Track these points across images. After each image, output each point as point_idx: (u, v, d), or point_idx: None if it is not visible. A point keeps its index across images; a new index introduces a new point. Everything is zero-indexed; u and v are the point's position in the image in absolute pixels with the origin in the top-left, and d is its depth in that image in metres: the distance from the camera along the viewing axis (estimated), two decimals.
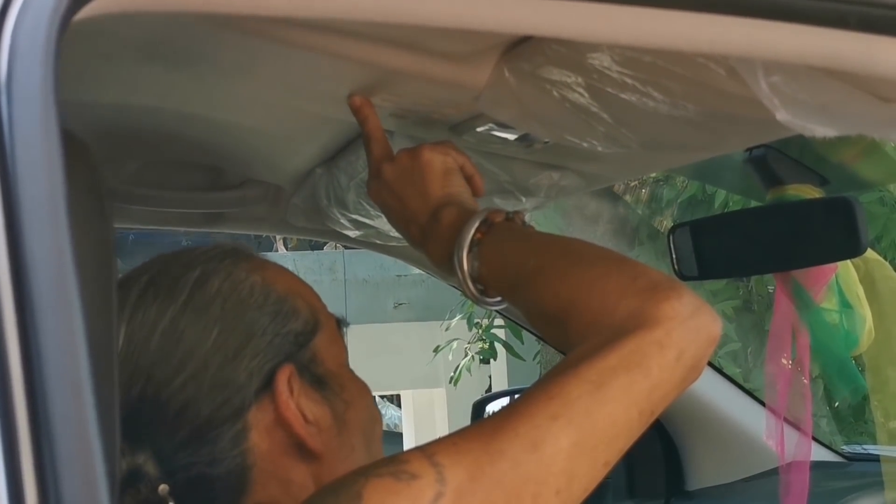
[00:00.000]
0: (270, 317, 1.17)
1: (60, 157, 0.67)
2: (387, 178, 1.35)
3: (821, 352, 1.90)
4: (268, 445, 1.14)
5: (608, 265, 1.12)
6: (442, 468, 0.97)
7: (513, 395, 3.00)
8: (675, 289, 1.06)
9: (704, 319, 1.07)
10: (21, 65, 0.67)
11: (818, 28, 0.93)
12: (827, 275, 1.83)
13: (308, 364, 1.18)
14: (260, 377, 1.14)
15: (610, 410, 1.01)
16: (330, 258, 9.44)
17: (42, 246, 0.67)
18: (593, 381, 1.01)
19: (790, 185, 1.82)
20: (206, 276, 1.17)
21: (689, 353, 1.05)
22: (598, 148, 1.35)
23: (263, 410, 1.14)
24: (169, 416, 1.11)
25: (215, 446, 1.12)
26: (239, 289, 1.17)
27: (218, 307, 1.15)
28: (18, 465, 0.66)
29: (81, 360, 0.67)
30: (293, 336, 1.18)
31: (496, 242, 1.22)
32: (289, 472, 1.15)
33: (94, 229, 0.85)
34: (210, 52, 1.22)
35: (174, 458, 1.10)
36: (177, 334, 1.13)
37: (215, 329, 1.14)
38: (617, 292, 1.07)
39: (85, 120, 1.43)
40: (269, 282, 1.20)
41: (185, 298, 1.15)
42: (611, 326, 1.05)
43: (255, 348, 1.15)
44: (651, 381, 1.03)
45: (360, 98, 1.34)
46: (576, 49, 1.14)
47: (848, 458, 2.50)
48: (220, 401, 1.12)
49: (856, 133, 1.08)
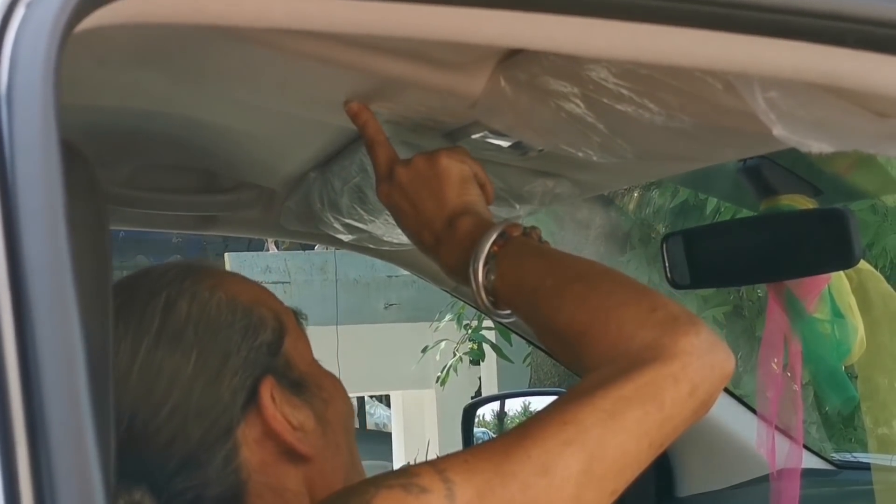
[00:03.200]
0: (241, 332, 1.17)
1: (60, 168, 0.67)
2: (401, 180, 1.34)
3: (812, 361, 1.90)
4: (259, 458, 1.14)
5: (627, 293, 1.12)
6: (452, 484, 0.98)
7: (503, 399, 3.01)
8: (694, 324, 1.07)
9: (720, 356, 1.07)
10: (21, 76, 0.67)
11: (817, 45, 0.94)
12: (820, 285, 1.84)
13: (284, 371, 1.19)
14: (243, 393, 1.14)
15: (622, 440, 1.01)
16: (321, 258, 9.43)
17: (41, 256, 0.67)
18: (607, 409, 1.01)
19: (784, 195, 1.82)
20: (173, 302, 1.16)
21: (703, 389, 1.05)
22: (592, 157, 1.35)
23: (251, 425, 1.14)
24: (159, 447, 1.11)
25: (208, 468, 1.12)
26: (207, 310, 1.17)
27: (191, 332, 1.15)
28: (15, 472, 0.66)
29: (79, 365, 0.67)
30: (265, 347, 1.18)
31: (513, 257, 1.22)
32: (282, 480, 1.16)
33: (91, 237, 0.85)
34: (205, 57, 1.22)
35: (169, 487, 1.11)
36: (155, 366, 1.13)
37: (192, 354, 1.14)
38: (635, 321, 1.07)
39: (79, 123, 1.43)
40: (233, 295, 1.20)
41: (157, 329, 1.14)
42: (627, 355, 1.05)
43: (234, 366, 1.15)
44: (663, 414, 1.03)
45: (357, 104, 1.34)
46: (572, 60, 1.14)
47: (838, 465, 2.51)
48: (208, 424, 1.12)
49: (851, 149, 1.09)
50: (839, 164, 1.88)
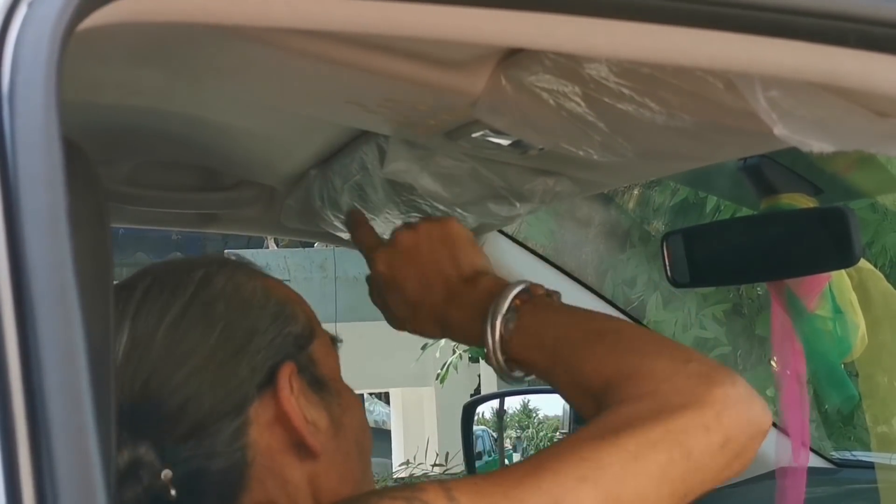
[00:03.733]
0: (272, 318, 1.19)
1: (62, 169, 0.67)
2: (406, 244, 1.35)
3: (813, 359, 1.90)
4: (267, 442, 1.15)
5: (661, 345, 1.09)
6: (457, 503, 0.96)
7: (502, 397, 3.00)
8: (730, 375, 1.04)
9: (756, 411, 1.04)
10: (23, 76, 0.67)
11: (818, 45, 0.94)
12: (821, 283, 1.84)
13: (307, 365, 1.19)
14: (262, 373, 1.15)
15: (641, 484, 0.98)
16: (321, 256, 9.42)
17: (43, 254, 0.67)
18: (630, 451, 0.98)
19: (784, 193, 1.82)
20: (210, 277, 1.19)
21: (737, 442, 1.02)
22: (593, 156, 1.35)
23: (264, 406, 1.15)
24: (171, 409, 1.11)
25: (216, 440, 1.12)
26: (241, 290, 1.19)
27: (222, 305, 1.17)
28: (17, 471, 0.66)
29: (80, 363, 0.68)
30: (293, 338, 1.19)
31: (536, 310, 1.21)
32: (286, 471, 1.16)
33: (92, 236, 0.85)
34: (206, 54, 1.22)
35: (174, 452, 1.11)
36: (181, 330, 1.14)
37: (219, 325, 1.15)
38: (668, 370, 1.05)
39: (79, 120, 1.43)
40: (269, 288, 1.22)
41: (190, 296, 1.16)
42: (657, 399, 1.02)
43: (258, 345, 1.16)
44: (690, 464, 1.00)
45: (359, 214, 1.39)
46: (573, 59, 1.14)
47: (838, 464, 2.51)
48: (222, 395, 1.13)
49: (852, 148, 1.09)
50: (839, 163, 1.88)
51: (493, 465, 2.88)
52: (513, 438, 2.92)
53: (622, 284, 6.06)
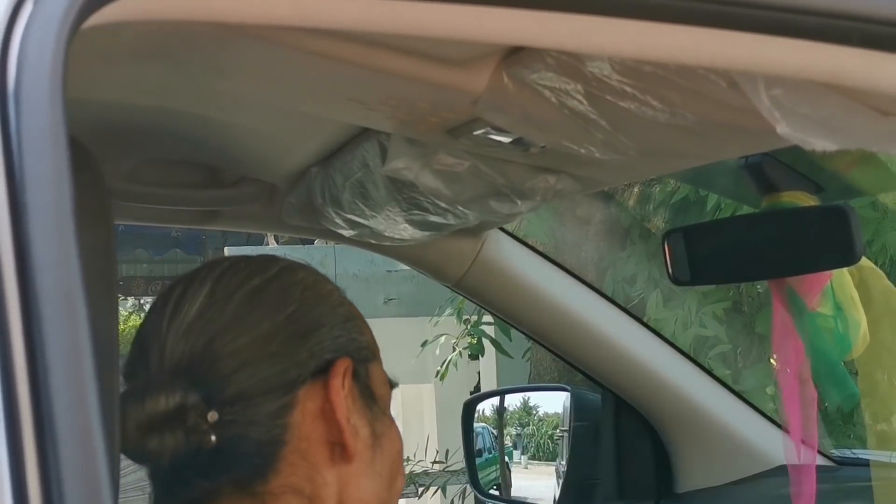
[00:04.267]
0: (342, 318, 1.23)
1: (67, 166, 0.68)
2: None
3: (814, 357, 1.90)
4: (308, 429, 1.17)
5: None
6: None
7: (503, 394, 3.01)
8: None
9: None
10: (29, 74, 0.67)
11: (821, 44, 0.94)
12: (822, 281, 1.84)
13: (363, 376, 1.22)
14: (319, 361, 1.18)
15: None
16: (320, 253, 9.42)
17: (48, 253, 0.67)
18: None
19: (785, 192, 1.82)
20: (294, 267, 1.24)
21: None
22: (595, 154, 1.35)
23: (313, 394, 1.17)
24: (226, 371, 1.14)
25: (259, 410, 1.14)
26: (319, 286, 1.24)
27: (298, 290, 1.21)
28: (23, 469, 0.66)
29: (86, 361, 0.68)
30: (356, 344, 1.23)
31: None
32: (318, 464, 1.17)
33: (97, 233, 0.85)
34: (208, 52, 1.22)
35: (220, 411, 1.13)
36: (255, 302, 1.18)
37: (291, 307, 1.19)
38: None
39: (83, 118, 1.43)
40: (344, 298, 1.26)
41: (273, 275, 1.21)
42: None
43: (322, 336, 1.20)
44: None
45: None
46: (575, 57, 1.14)
47: (837, 462, 2.51)
48: (277, 369, 1.16)
49: (855, 147, 1.09)
50: (841, 162, 1.88)
51: (493, 462, 2.88)
52: (513, 436, 2.91)
53: (622, 282, 6.05)
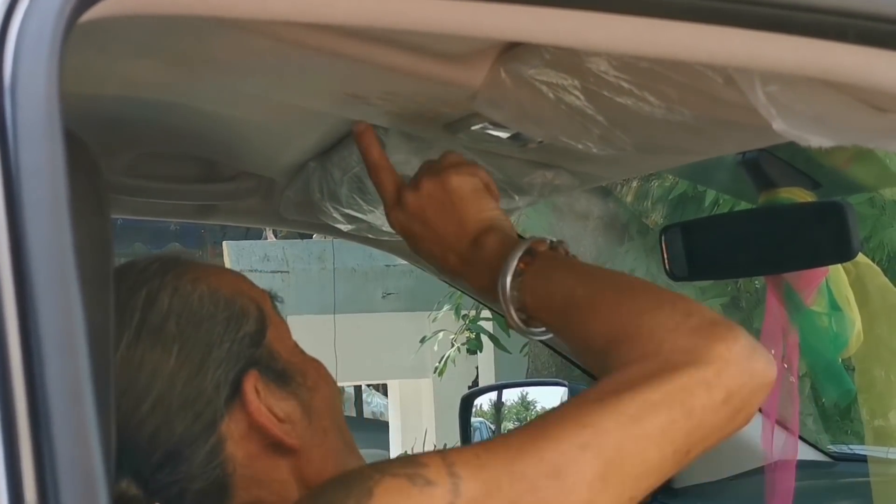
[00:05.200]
0: (224, 324, 1.17)
1: (63, 160, 0.68)
2: (412, 209, 1.32)
3: (810, 353, 1.91)
4: (245, 451, 1.14)
5: (661, 299, 1.08)
6: (459, 479, 0.96)
7: (500, 389, 3.01)
8: (732, 329, 1.03)
9: (760, 364, 1.03)
10: (26, 67, 0.67)
11: (817, 41, 0.94)
12: (818, 278, 1.84)
13: (268, 362, 1.18)
14: (227, 387, 1.14)
15: (643, 447, 0.98)
16: (319, 247, 9.43)
17: (44, 245, 0.67)
18: (631, 414, 0.98)
19: (782, 188, 1.83)
20: (154, 295, 1.16)
21: (739, 397, 1.01)
22: (592, 149, 1.35)
23: (236, 420, 1.14)
24: (143, 440, 1.11)
25: (193, 463, 1.12)
26: (189, 303, 1.17)
27: (173, 325, 1.15)
28: (18, 460, 0.67)
29: (81, 352, 0.68)
30: (248, 338, 1.18)
31: (541, 272, 1.19)
32: (269, 472, 1.16)
33: (93, 226, 0.85)
34: (206, 46, 1.22)
35: (153, 480, 1.11)
36: (136, 360, 1.12)
37: (174, 347, 1.14)
38: (668, 326, 1.04)
39: (80, 112, 1.43)
40: (215, 287, 1.19)
41: (138, 323, 1.14)
42: (658, 358, 1.02)
43: (217, 359, 1.15)
44: (693, 422, 1.00)
45: (365, 125, 1.32)
46: (573, 52, 1.14)
47: (834, 458, 2.51)
48: (191, 417, 1.12)
49: (851, 143, 1.09)
50: (838, 158, 1.89)
51: None
52: (510, 430, 2.92)
53: None
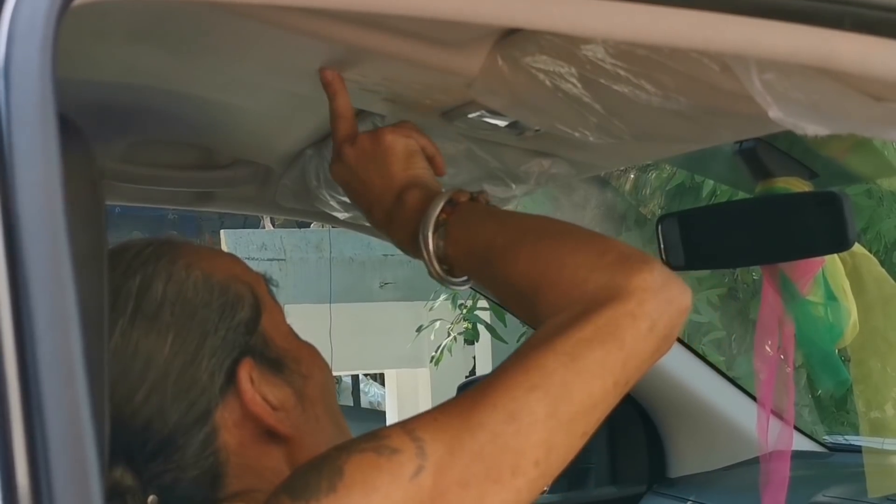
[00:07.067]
0: (219, 312, 1.17)
1: (57, 143, 0.68)
2: (348, 160, 1.34)
3: (805, 344, 1.91)
4: (238, 440, 1.15)
5: (577, 240, 1.12)
6: (422, 442, 0.99)
7: None
8: (646, 261, 1.08)
9: (675, 290, 1.08)
10: (19, 50, 0.67)
11: (814, 28, 0.94)
12: (814, 268, 1.84)
13: (262, 349, 1.19)
14: (221, 375, 1.15)
15: (586, 381, 1.02)
16: (317, 236, 9.41)
17: (38, 230, 0.67)
18: (568, 353, 1.02)
19: (779, 177, 1.83)
20: (149, 282, 1.16)
21: (662, 324, 1.06)
22: (589, 138, 1.35)
23: (230, 408, 1.15)
24: (137, 428, 1.11)
25: (186, 451, 1.13)
26: (183, 290, 1.17)
27: (167, 313, 1.15)
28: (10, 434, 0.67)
29: (75, 338, 0.68)
30: (243, 326, 1.19)
31: (462, 221, 1.22)
32: (262, 460, 1.16)
33: (88, 212, 0.85)
34: (203, 32, 1.22)
35: (148, 468, 1.11)
36: (131, 348, 1.13)
37: (169, 335, 1.14)
38: (587, 266, 1.08)
39: (75, 98, 1.43)
40: (209, 273, 1.20)
41: (133, 310, 1.14)
42: (583, 299, 1.06)
43: (212, 347, 1.15)
44: (625, 352, 1.04)
45: (332, 72, 1.32)
46: (569, 40, 1.14)
47: (830, 448, 2.52)
48: (185, 406, 1.13)
49: (847, 132, 1.09)
50: (835, 148, 1.89)
51: None
52: None
53: None
